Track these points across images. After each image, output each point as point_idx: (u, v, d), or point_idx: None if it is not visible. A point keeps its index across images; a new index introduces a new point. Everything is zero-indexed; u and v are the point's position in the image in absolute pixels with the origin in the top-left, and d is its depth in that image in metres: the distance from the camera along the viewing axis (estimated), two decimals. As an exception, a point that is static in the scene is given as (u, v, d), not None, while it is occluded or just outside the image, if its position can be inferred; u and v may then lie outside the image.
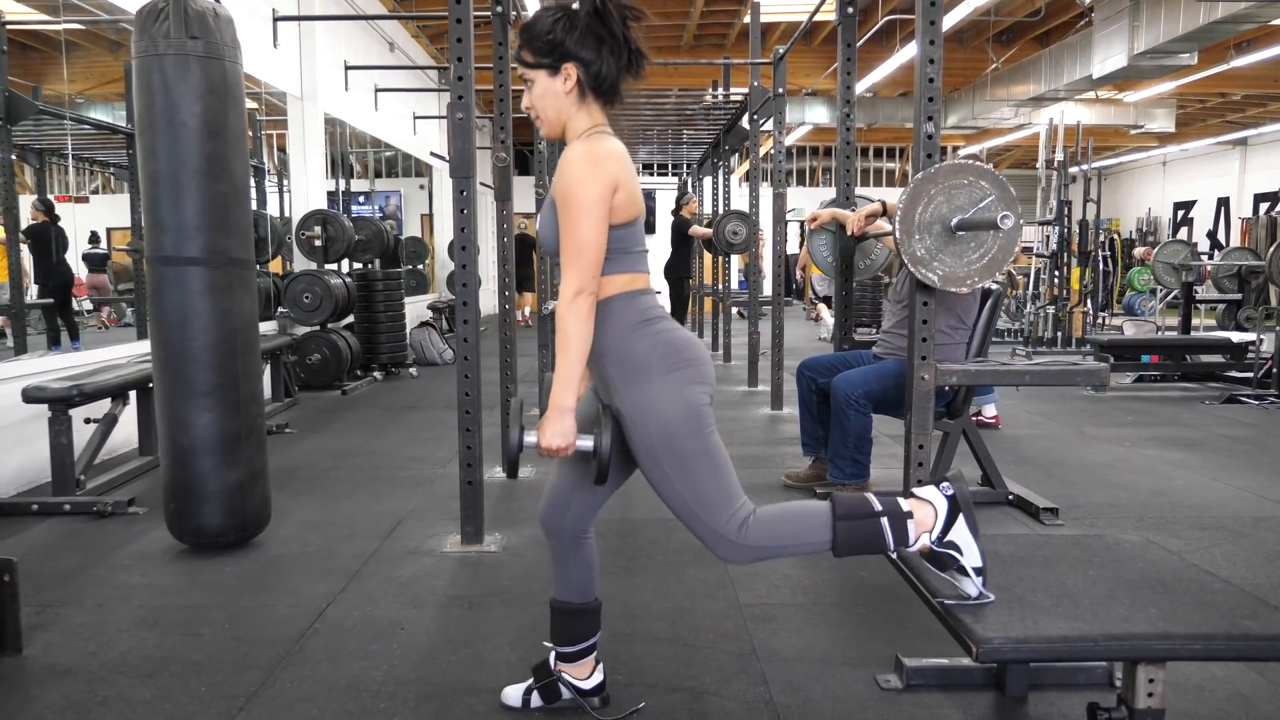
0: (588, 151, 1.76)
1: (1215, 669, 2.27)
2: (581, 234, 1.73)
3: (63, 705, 2.16)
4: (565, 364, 1.74)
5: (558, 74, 1.79)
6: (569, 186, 1.73)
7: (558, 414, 1.75)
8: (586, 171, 1.73)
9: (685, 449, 1.78)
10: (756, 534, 1.80)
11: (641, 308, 1.84)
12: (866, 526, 1.79)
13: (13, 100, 5.35)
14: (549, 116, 1.85)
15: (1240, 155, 18.41)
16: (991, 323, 3.71)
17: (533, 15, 1.83)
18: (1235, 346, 7.19)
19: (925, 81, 2.78)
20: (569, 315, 1.73)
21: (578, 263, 1.73)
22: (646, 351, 1.81)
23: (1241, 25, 8.75)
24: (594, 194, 1.72)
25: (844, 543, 1.79)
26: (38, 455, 4.03)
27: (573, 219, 1.73)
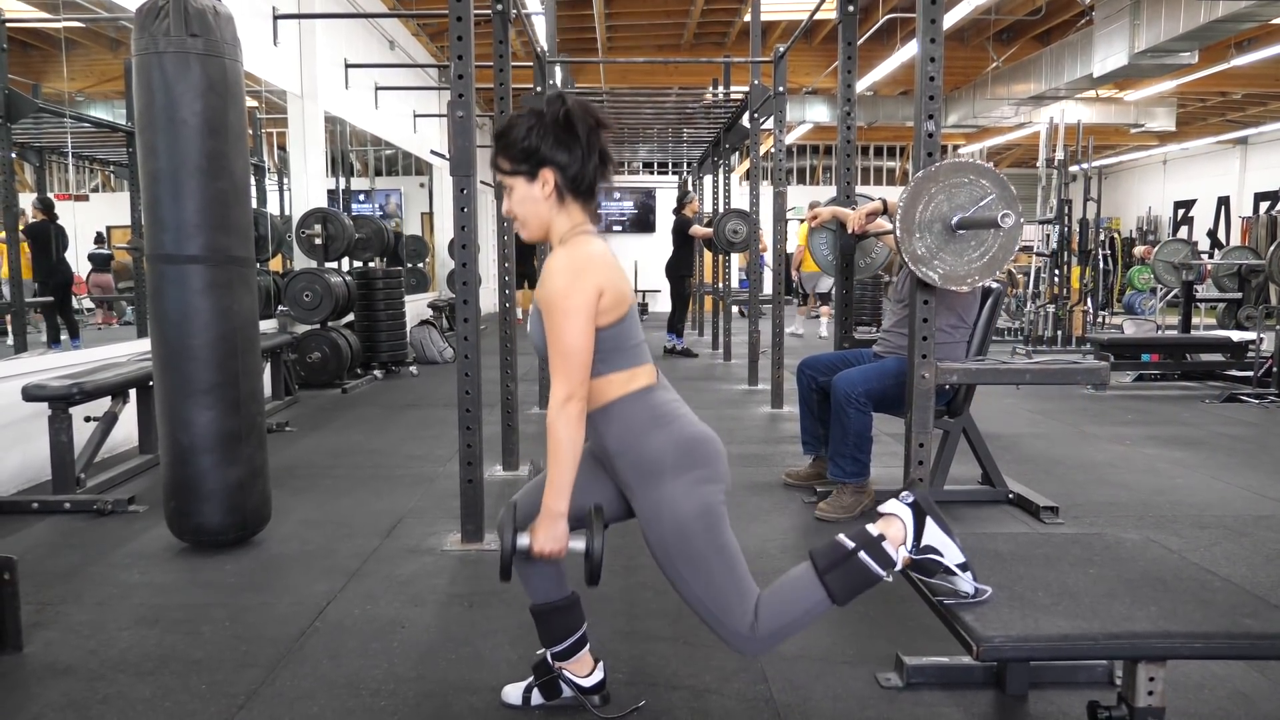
0: (570, 260, 1.78)
1: (1215, 667, 2.27)
2: (566, 342, 1.74)
3: (63, 703, 2.16)
4: (557, 471, 1.77)
5: (535, 179, 1.81)
6: (553, 296, 1.75)
7: (550, 519, 1.78)
8: (569, 281, 1.75)
9: (699, 549, 1.80)
10: (766, 622, 1.81)
11: (651, 405, 1.85)
12: (851, 567, 1.80)
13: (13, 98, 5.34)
14: (530, 221, 1.86)
15: (1240, 154, 18.40)
16: (992, 321, 3.71)
17: (505, 123, 1.85)
18: (1235, 345, 7.19)
19: (926, 80, 2.78)
20: (558, 422, 1.75)
21: (564, 370, 1.75)
22: (660, 451, 1.81)
23: (1242, 24, 8.75)
24: (577, 303, 1.74)
25: (840, 592, 1.80)
26: (38, 453, 4.03)
27: (557, 327, 1.74)
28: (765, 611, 1.81)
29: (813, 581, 1.81)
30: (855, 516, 3.59)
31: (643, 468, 1.83)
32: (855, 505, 3.61)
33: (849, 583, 1.80)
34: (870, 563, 1.79)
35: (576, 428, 1.76)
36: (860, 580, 1.80)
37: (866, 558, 1.79)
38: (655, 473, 1.81)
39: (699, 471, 1.82)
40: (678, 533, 1.79)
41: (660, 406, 1.86)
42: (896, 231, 2.77)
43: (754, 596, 1.83)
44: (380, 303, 8.05)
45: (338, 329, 7.34)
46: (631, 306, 1.87)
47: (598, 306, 1.77)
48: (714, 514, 1.82)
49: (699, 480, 1.81)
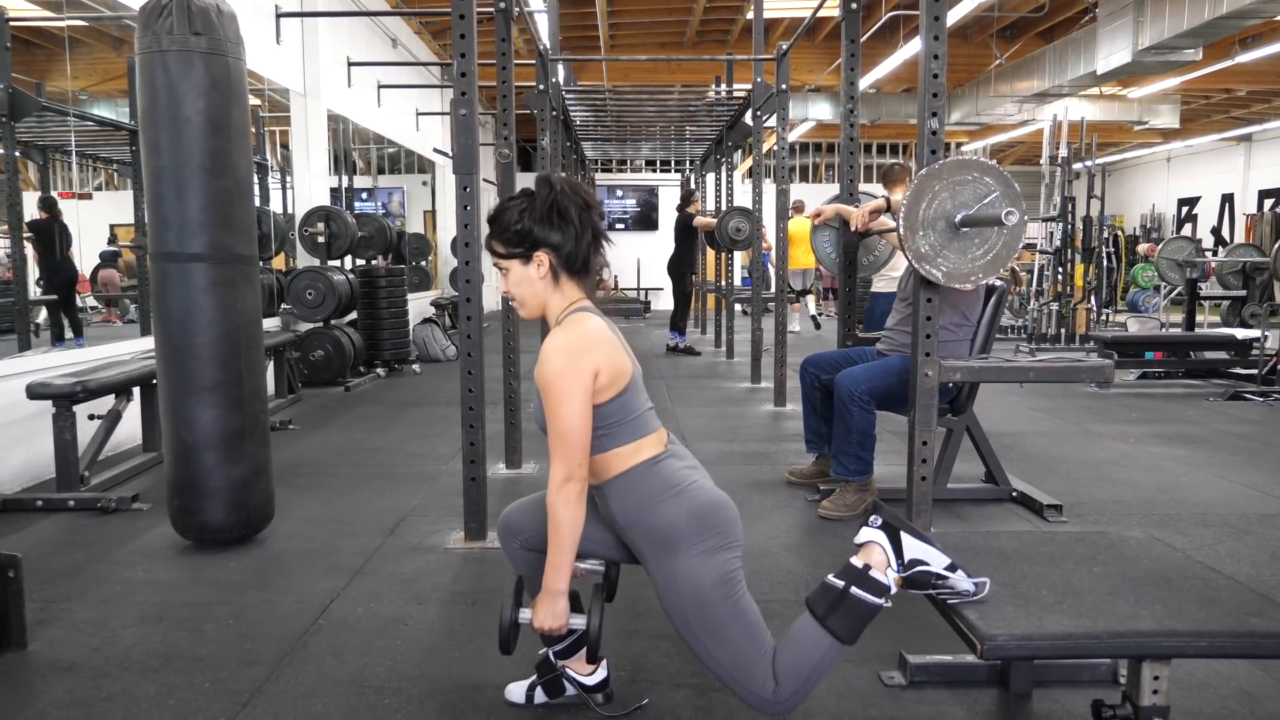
0: (565, 342, 1.80)
1: (1220, 666, 2.27)
2: (563, 423, 1.75)
3: (67, 700, 2.17)
4: (557, 551, 1.78)
5: (530, 261, 1.85)
6: (549, 379, 1.77)
7: (550, 598, 1.80)
8: (564, 364, 1.77)
9: (718, 616, 1.80)
10: (785, 682, 1.80)
11: (660, 475, 1.85)
12: (848, 606, 1.79)
13: (16, 97, 5.35)
14: (528, 301, 1.90)
15: (1245, 151, 18.36)
16: (995, 319, 3.70)
17: (496, 208, 1.90)
18: (1239, 343, 7.17)
19: (929, 77, 2.78)
20: (558, 503, 1.76)
21: (562, 451, 1.76)
22: (674, 521, 1.81)
23: (1247, 21, 8.72)
24: (572, 385, 1.76)
25: (845, 633, 1.79)
26: (42, 451, 4.03)
27: (554, 410, 1.76)
28: (783, 670, 1.81)
29: (816, 630, 1.80)
30: (858, 514, 3.58)
31: (656, 539, 1.83)
32: (858, 503, 3.61)
33: (851, 621, 1.79)
34: (865, 596, 1.78)
35: (576, 508, 1.77)
36: (860, 615, 1.79)
37: (859, 592, 1.78)
38: (670, 543, 1.82)
39: (714, 540, 1.81)
40: (696, 602, 1.80)
41: (670, 476, 1.86)
42: (900, 229, 2.77)
43: (772, 650, 1.83)
44: (383, 301, 8.05)
45: (340, 327, 7.35)
46: (633, 378, 1.88)
47: (594, 386, 1.78)
48: (732, 581, 1.82)
49: (715, 549, 1.81)
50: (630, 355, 1.91)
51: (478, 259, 3.24)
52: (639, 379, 1.91)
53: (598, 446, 1.83)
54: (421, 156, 12.83)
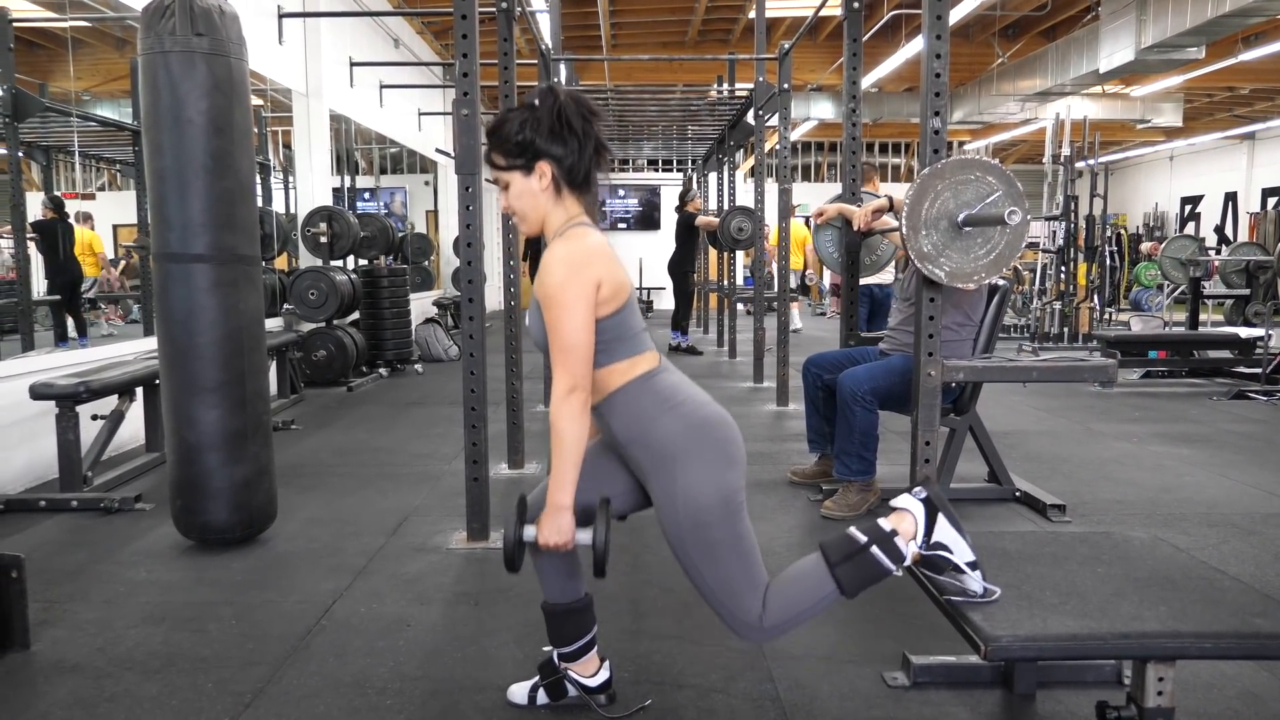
0: (568, 253, 1.78)
1: (1225, 667, 2.26)
2: (567, 335, 1.74)
3: (70, 701, 2.17)
4: (560, 463, 1.76)
5: (532, 173, 1.82)
6: (552, 289, 1.75)
7: (555, 512, 1.77)
8: (568, 274, 1.75)
9: (714, 538, 1.79)
10: (774, 613, 1.81)
11: (658, 389, 1.84)
12: (862, 561, 1.80)
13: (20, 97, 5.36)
14: (528, 215, 1.87)
15: (1248, 149, 18.34)
16: (998, 319, 3.70)
17: (496, 118, 1.86)
18: (1243, 342, 7.15)
19: (932, 76, 2.77)
20: (562, 414, 1.74)
21: (566, 363, 1.75)
22: (673, 435, 1.80)
23: (1250, 19, 8.71)
24: (576, 295, 1.74)
25: (849, 585, 1.80)
26: (45, 451, 4.03)
27: (557, 320, 1.75)
28: (774, 602, 1.81)
29: (824, 574, 1.81)
30: (861, 514, 3.58)
31: (654, 453, 1.81)
32: (861, 503, 3.60)
33: (859, 576, 1.80)
34: (881, 557, 1.79)
35: (580, 420, 1.75)
36: (870, 574, 1.80)
37: (878, 552, 1.79)
38: (668, 458, 1.80)
39: (713, 454, 1.80)
40: (694, 521, 1.78)
41: (666, 389, 1.85)
42: (902, 229, 2.76)
43: (764, 586, 1.83)
44: (385, 301, 8.05)
45: (343, 327, 7.35)
46: (630, 295, 1.87)
47: (597, 298, 1.77)
48: (732, 503, 1.81)
49: (715, 464, 1.79)
50: (626, 273, 1.89)
51: (480, 259, 3.24)
52: (634, 299, 1.91)
53: (596, 362, 1.81)
54: (424, 156, 12.84)
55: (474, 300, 3.24)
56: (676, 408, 1.82)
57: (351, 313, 7.64)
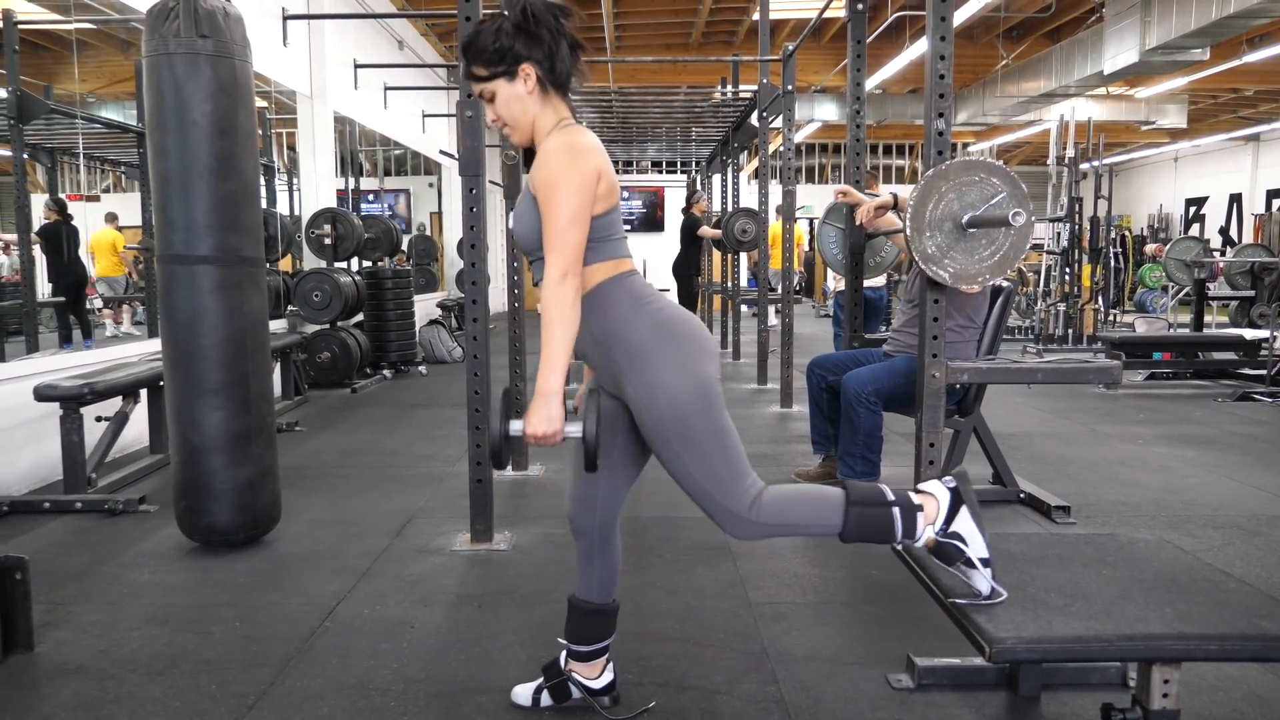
0: (568, 143, 1.78)
1: (1230, 669, 2.25)
2: (565, 219, 1.73)
3: (74, 703, 2.17)
4: (550, 348, 1.72)
5: (516, 77, 1.81)
6: (552, 175, 1.74)
7: (544, 399, 1.72)
8: (568, 160, 1.75)
9: (695, 428, 1.78)
10: (769, 512, 1.81)
11: (632, 289, 1.86)
12: (878, 514, 1.80)
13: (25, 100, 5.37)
14: (519, 121, 1.86)
15: (1253, 151, 18.30)
16: (1003, 320, 3.69)
17: (469, 33, 1.85)
18: (1248, 344, 7.14)
19: (936, 78, 2.77)
20: (555, 299, 1.72)
21: (562, 247, 1.73)
22: (646, 332, 1.81)
23: (1254, 20, 8.69)
24: (578, 181, 1.74)
25: (853, 528, 1.80)
26: (49, 453, 4.04)
27: (555, 205, 1.73)
28: (772, 503, 1.82)
29: (837, 505, 1.81)
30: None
31: (632, 349, 1.81)
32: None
33: (866, 526, 1.81)
34: (897, 522, 1.80)
35: (573, 306, 1.74)
36: (878, 531, 1.81)
37: (897, 515, 1.80)
38: (645, 352, 1.80)
39: (688, 346, 1.81)
40: (673, 411, 1.78)
41: (643, 289, 1.88)
42: (906, 229, 2.76)
43: (752, 480, 1.83)
44: (389, 302, 8.07)
45: (347, 329, 7.36)
46: (619, 200, 1.88)
47: (596, 190, 1.77)
48: (710, 393, 1.81)
49: (691, 357, 1.80)
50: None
51: (484, 260, 3.24)
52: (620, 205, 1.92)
53: (585, 258, 1.81)
54: (428, 158, 12.85)
55: (478, 302, 3.24)
56: (649, 304, 1.85)
57: (355, 314, 7.65)
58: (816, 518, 1.82)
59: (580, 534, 2.04)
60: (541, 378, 1.73)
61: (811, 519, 1.83)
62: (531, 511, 3.73)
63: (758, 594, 2.82)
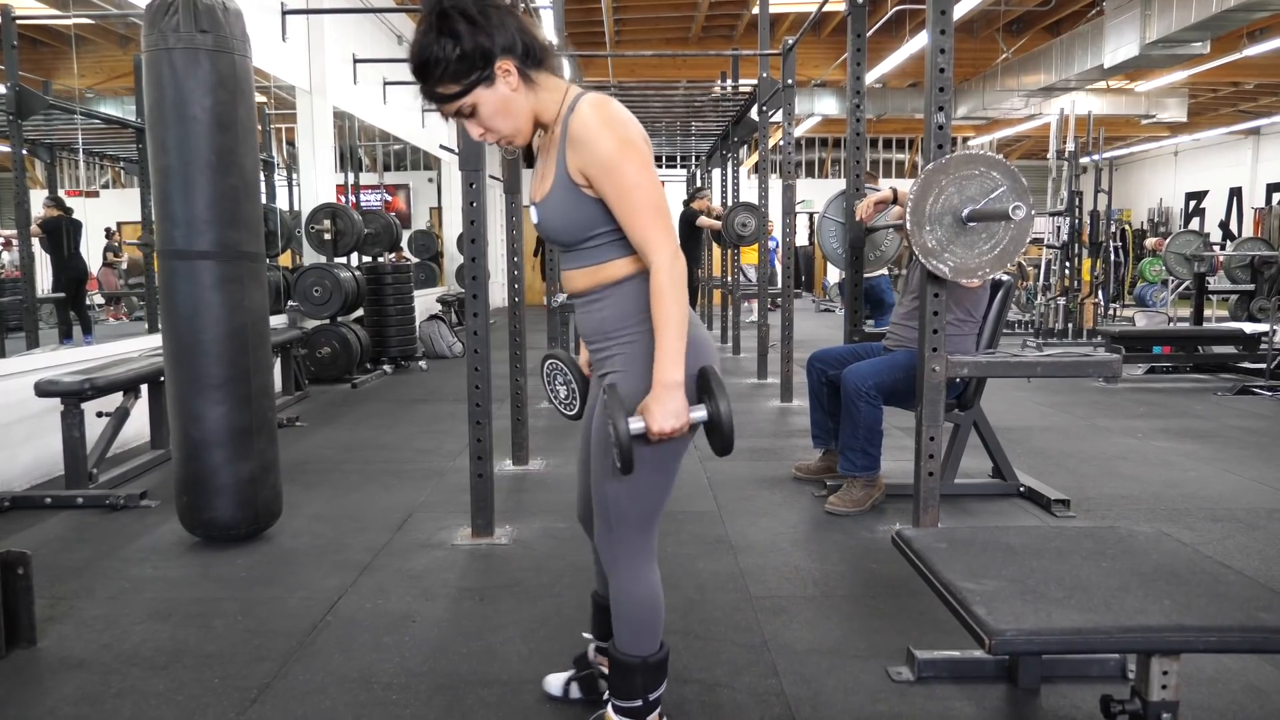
0: (606, 117, 1.57)
1: (1229, 661, 2.26)
2: (652, 193, 1.57)
3: (77, 697, 2.17)
4: (670, 335, 1.57)
5: (495, 80, 1.57)
6: (611, 155, 1.55)
7: (668, 392, 1.56)
8: (621, 134, 1.56)
9: (645, 455, 1.65)
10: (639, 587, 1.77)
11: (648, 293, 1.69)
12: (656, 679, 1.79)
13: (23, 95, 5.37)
14: (518, 125, 1.64)
15: (1253, 145, 18.29)
16: (1003, 314, 3.69)
17: (416, 54, 1.57)
18: (1248, 338, 7.14)
19: (936, 72, 2.76)
20: (669, 286, 1.56)
21: (661, 224, 1.57)
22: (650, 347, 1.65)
23: (1254, 13, 8.67)
24: (645, 153, 1.58)
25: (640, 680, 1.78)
26: (50, 449, 4.05)
27: (636, 182, 1.55)
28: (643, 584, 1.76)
29: (649, 643, 1.77)
30: (865, 510, 3.58)
31: (636, 351, 1.67)
32: (866, 499, 3.60)
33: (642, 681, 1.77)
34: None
35: (685, 288, 1.59)
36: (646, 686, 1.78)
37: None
38: (642, 366, 1.65)
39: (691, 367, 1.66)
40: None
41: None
42: (906, 223, 2.76)
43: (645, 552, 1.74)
44: (389, 298, 8.07)
45: (347, 324, 7.36)
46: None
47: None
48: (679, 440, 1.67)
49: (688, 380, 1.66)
50: None
51: (484, 255, 3.24)
52: None
53: (606, 252, 1.66)
54: (427, 153, 12.84)
55: (478, 297, 3.24)
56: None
57: (356, 309, 7.65)
58: (635, 632, 1.76)
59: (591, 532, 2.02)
60: (661, 369, 1.57)
61: (633, 627, 1.76)
62: (533, 506, 3.74)
63: (758, 587, 2.83)
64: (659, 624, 1.77)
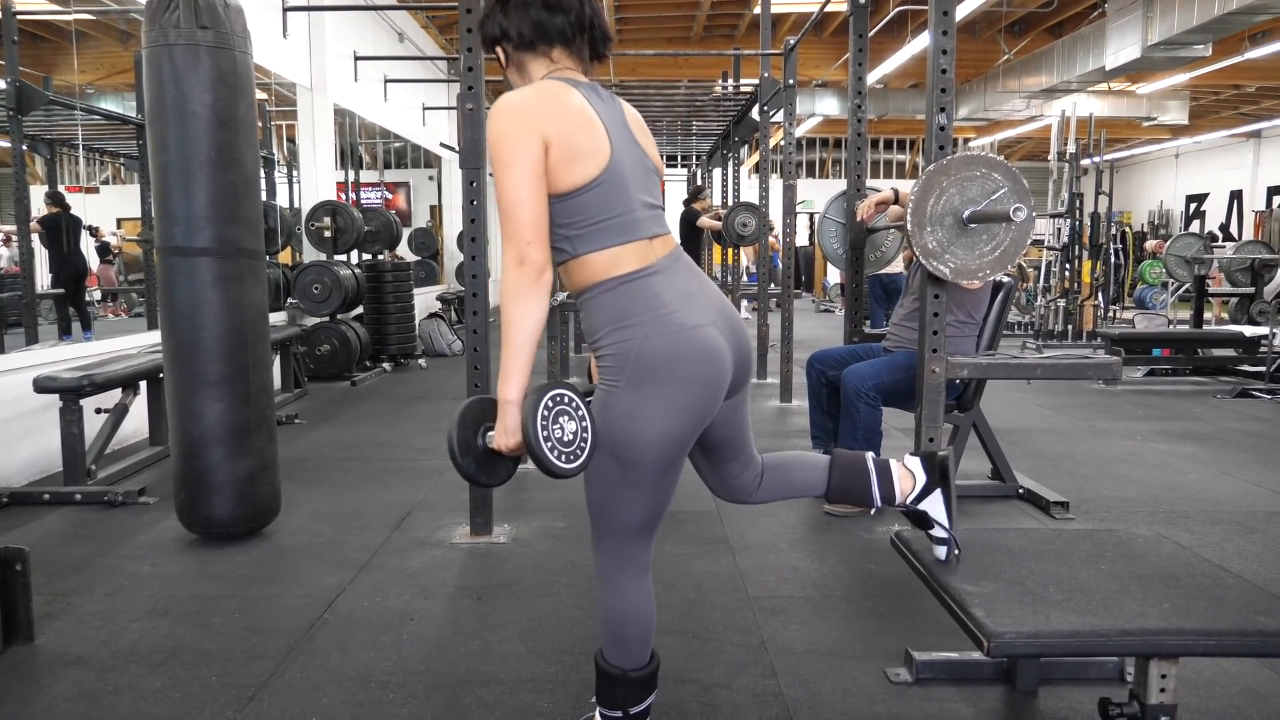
0: (514, 101, 1.55)
1: (1227, 664, 2.26)
2: (507, 194, 1.51)
3: (74, 694, 2.17)
4: (507, 351, 1.53)
5: (499, 56, 1.73)
6: (491, 141, 1.53)
7: (503, 410, 1.54)
8: (508, 125, 1.52)
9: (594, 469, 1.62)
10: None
11: (630, 297, 1.57)
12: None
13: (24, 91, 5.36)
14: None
15: (1254, 148, 18.29)
16: (1003, 316, 3.69)
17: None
18: (1247, 340, 7.14)
19: (938, 73, 2.76)
20: (507, 295, 1.52)
21: (509, 229, 1.52)
22: (627, 355, 1.56)
23: (1256, 16, 8.68)
24: (515, 150, 1.51)
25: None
26: (49, 445, 4.04)
27: (497, 179, 1.52)
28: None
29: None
30: (863, 512, 3.58)
31: (606, 365, 1.60)
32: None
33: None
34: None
35: (529, 299, 1.51)
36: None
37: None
38: (620, 375, 1.57)
39: (673, 393, 1.55)
40: (609, 445, 1.58)
41: (646, 298, 1.57)
42: (907, 224, 2.75)
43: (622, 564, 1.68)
44: (389, 295, 8.07)
45: (347, 322, 7.36)
46: (611, 170, 1.57)
47: (546, 160, 1.52)
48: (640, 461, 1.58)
49: (669, 407, 1.55)
50: (618, 143, 1.59)
51: (484, 253, 3.24)
52: (630, 175, 1.61)
53: (564, 250, 1.59)
54: (428, 151, 12.83)
55: (478, 295, 3.24)
56: (645, 325, 1.55)
57: (355, 307, 7.65)
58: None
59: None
60: (500, 385, 1.54)
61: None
62: (531, 505, 3.74)
63: (756, 588, 2.82)
64: (635, 640, 1.70)
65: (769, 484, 1.90)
